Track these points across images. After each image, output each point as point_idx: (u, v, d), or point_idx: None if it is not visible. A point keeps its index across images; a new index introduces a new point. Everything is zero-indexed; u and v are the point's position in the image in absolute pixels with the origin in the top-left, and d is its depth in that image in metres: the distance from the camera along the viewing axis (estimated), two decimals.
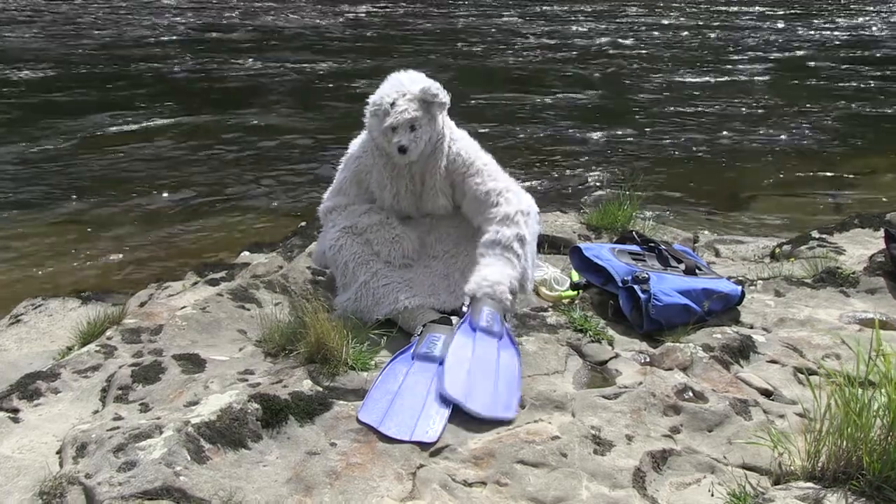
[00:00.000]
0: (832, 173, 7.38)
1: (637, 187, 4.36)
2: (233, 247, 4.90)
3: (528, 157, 7.67)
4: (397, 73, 3.00)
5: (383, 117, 2.88)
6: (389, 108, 2.87)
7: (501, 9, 19.00)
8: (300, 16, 16.70)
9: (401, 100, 2.87)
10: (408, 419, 2.33)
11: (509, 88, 10.47)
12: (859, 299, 3.31)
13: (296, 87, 10.53)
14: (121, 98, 9.53)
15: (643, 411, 2.42)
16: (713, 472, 2.20)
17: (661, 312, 2.95)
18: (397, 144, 2.86)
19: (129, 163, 7.31)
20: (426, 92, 2.88)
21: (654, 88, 10.65)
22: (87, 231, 5.71)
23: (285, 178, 7.02)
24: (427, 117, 2.90)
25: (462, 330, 2.67)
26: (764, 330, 3.03)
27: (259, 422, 2.25)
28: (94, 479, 2.00)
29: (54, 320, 3.51)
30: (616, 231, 4.05)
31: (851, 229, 4.26)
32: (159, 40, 13.40)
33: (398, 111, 2.85)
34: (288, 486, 2.07)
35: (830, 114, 9.44)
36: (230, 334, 2.94)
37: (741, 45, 14.24)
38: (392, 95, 2.88)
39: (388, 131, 2.88)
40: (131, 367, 2.63)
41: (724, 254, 4.21)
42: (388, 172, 3.02)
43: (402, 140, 2.86)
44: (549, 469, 2.17)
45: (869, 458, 1.91)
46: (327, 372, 2.51)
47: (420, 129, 2.89)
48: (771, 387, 2.61)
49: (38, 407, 2.49)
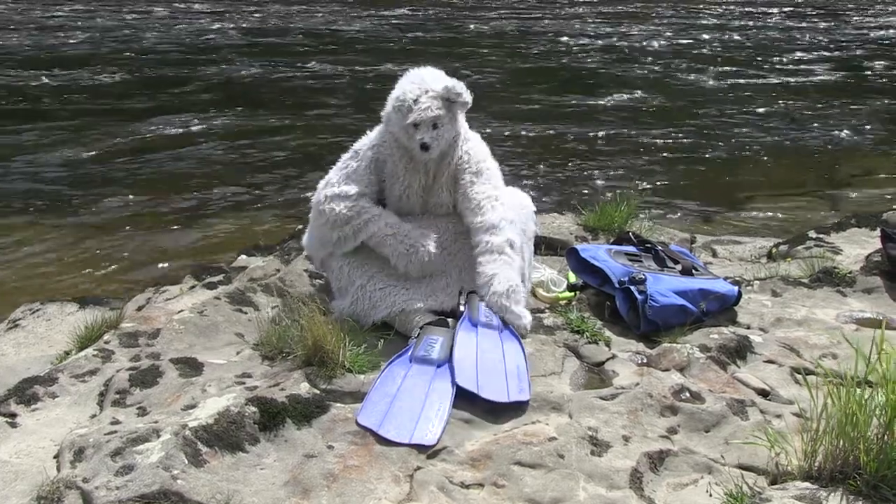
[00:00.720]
0: (829, 173, 7.39)
1: (634, 188, 4.36)
2: (230, 250, 4.90)
3: (525, 157, 7.67)
4: (417, 70, 3.00)
5: (406, 113, 2.86)
6: (413, 105, 2.86)
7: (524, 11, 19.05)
8: (335, 17, 16.73)
9: (424, 97, 2.86)
10: (407, 422, 2.33)
11: (506, 89, 10.48)
12: (856, 299, 3.32)
13: (298, 89, 10.52)
14: (120, 104, 9.53)
15: (640, 412, 2.43)
16: (710, 472, 2.20)
17: (658, 313, 2.95)
18: (420, 141, 2.87)
19: (125, 167, 7.30)
20: (450, 91, 2.89)
21: (651, 89, 10.66)
22: (84, 236, 5.71)
23: (282, 180, 7.01)
24: (449, 116, 2.91)
25: (463, 327, 2.69)
26: (761, 330, 3.03)
27: (256, 425, 2.25)
28: (92, 483, 2.00)
29: (52, 325, 3.51)
30: (613, 232, 4.05)
31: (848, 229, 4.26)
32: (157, 46, 13.40)
33: (421, 108, 2.85)
34: (285, 489, 2.08)
35: (827, 114, 9.45)
36: (227, 338, 2.94)
37: (738, 46, 14.26)
38: (415, 92, 2.87)
39: (410, 128, 2.88)
40: (129, 371, 2.63)
41: (721, 254, 4.22)
42: (404, 165, 3.01)
43: (424, 137, 2.86)
44: (547, 470, 2.17)
45: (866, 457, 1.91)
46: (324, 375, 2.51)
47: (442, 127, 2.90)
48: (768, 387, 2.61)
49: (35, 411, 2.49)
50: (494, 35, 15.22)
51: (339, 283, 3.01)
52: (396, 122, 2.92)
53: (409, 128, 2.87)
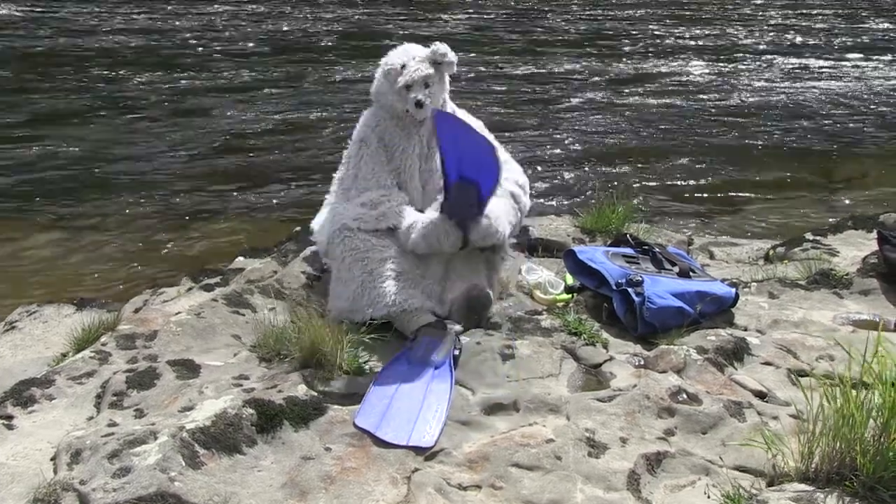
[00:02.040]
0: (826, 175, 7.40)
1: (631, 190, 4.37)
2: (227, 252, 4.89)
3: (525, 159, 7.67)
4: (399, 45, 3.20)
5: (396, 77, 3.05)
6: (401, 69, 3.05)
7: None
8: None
9: (411, 62, 3.06)
10: (404, 424, 2.34)
11: (502, 89, 10.48)
12: (853, 301, 3.33)
13: (298, 91, 10.52)
14: (114, 104, 9.52)
15: (637, 414, 2.43)
16: (707, 473, 2.21)
17: (655, 315, 2.95)
18: (415, 99, 3.03)
19: (121, 168, 7.29)
20: (436, 52, 3.07)
21: (645, 90, 10.67)
22: (81, 237, 5.69)
23: (280, 182, 7.01)
24: (438, 76, 3.11)
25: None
26: (758, 332, 3.04)
27: (254, 427, 2.25)
28: (89, 485, 1.99)
29: (49, 327, 3.50)
30: (610, 234, 4.06)
31: (845, 231, 4.27)
32: (143, 47, 13.40)
33: (411, 70, 3.04)
34: (283, 491, 2.08)
35: (824, 115, 9.47)
36: (225, 339, 2.94)
37: (735, 45, 14.27)
38: (402, 58, 3.08)
39: (403, 90, 3.05)
40: (126, 373, 2.63)
41: (719, 256, 4.22)
42: (400, 133, 3.15)
43: (418, 95, 3.04)
44: (544, 472, 2.18)
45: (862, 458, 1.92)
46: (322, 377, 2.52)
47: (433, 86, 3.09)
48: (765, 388, 2.62)
49: (32, 414, 2.49)
50: (475, 29, 15.23)
51: (339, 273, 2.99)
52: (388, 90, 3.09)
53: (401, 90, 3.05)
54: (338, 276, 3.01)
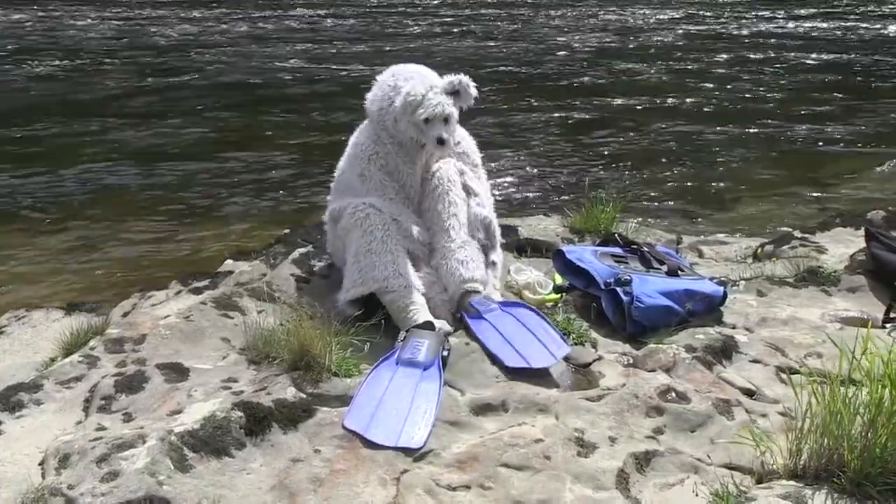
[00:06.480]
0: (814, 173, 7.42)
1: (620, 189, 4.38)
2: (216, 255, 4.88)
3: (514, 159, 7.68)
4: (408, 66, 3.16)
5: (416, 108, 2.94)
6: (422, 100, 2.93)
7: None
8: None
9: (430, 93, 2.95)
10: (393, 425, 2.34)
11: (498, 89, 10.49)
12: (841, 298, 3.34)
13: (297, 92, 10.51)
14: (97, 106, 9.49)
15: (626, 413, 2.44)
16: (696, 472, 2.21)
17: (644, 314, 2.96)
18: (437, 136, 2.95)
19: (109, 173, 7.26)
20: (461, 84, 2.97)
21: (638, 91, 10.69)
22: (69, 241, 5.66)
23: (269, 185, 6.99)
24: (456, 110, 3.01)
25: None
26: (746, 330, 3.05)
27: (242, 430, 2.25)
28: (77, 489, 1.99)
29: (38, 331, 3.49)
30: (599, 234, 4.06)
31: (833, 228, 4.29)
32: (128, 52, 13.37)
33: (432, 104, 2.93)
34: (272, 494, 2.08)
35: (813, 113, 9.49)
36: (214, 343, 2.93)
37: (723, 44, 14.31)
38: (422, 88, 2.95)
39: (422, 123, 2.96)
40: (114, 377, 2.62)
41: (708, 255, 4.24)
42: (402, 159, 3.11)
43: (442, 133, 2.95)
44: (533, 472, 2.18)
45: (850, 455, 1.93)
46: (311, 379, 2.51)
47: (451, 122, 3.00)
48: (753, 386, 2.63)
49: (20, 418, 2.48)
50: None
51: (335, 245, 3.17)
52: (402, 116, 2.98)
53: (419, 123, 2.95)
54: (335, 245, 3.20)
